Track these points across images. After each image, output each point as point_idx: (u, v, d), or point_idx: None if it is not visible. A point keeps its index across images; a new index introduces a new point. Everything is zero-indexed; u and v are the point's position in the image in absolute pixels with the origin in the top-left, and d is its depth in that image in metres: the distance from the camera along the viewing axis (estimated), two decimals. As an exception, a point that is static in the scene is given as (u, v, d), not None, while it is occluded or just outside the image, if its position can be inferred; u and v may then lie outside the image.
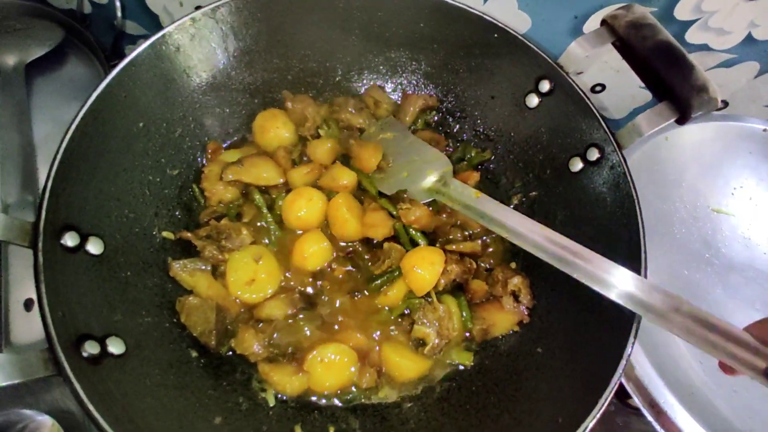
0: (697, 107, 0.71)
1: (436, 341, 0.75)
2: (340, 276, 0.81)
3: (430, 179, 0.85)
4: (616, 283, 0.64)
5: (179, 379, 0.67)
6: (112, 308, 0.65)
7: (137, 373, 0.63)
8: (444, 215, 0.87)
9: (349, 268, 0.81)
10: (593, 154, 0.79)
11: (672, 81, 0.72)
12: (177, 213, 0.82)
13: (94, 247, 0.66)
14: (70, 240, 0.63)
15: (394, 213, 0.83)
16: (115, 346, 0.62)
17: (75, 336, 0.58)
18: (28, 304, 0.88)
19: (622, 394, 0.96)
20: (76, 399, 0.53)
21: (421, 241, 0.83)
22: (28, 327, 0.87)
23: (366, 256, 0.82)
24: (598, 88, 1.27)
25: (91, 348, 0.58)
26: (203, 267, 0.77)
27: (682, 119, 0.73)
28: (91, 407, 0.53)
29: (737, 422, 0.81)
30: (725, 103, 1.30)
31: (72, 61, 1.14)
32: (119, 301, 0.67)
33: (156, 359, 0.66)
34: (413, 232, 0.83)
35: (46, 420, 0.85)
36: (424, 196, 0.85)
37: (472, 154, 0.94)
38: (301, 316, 0.77)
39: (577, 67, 0.82)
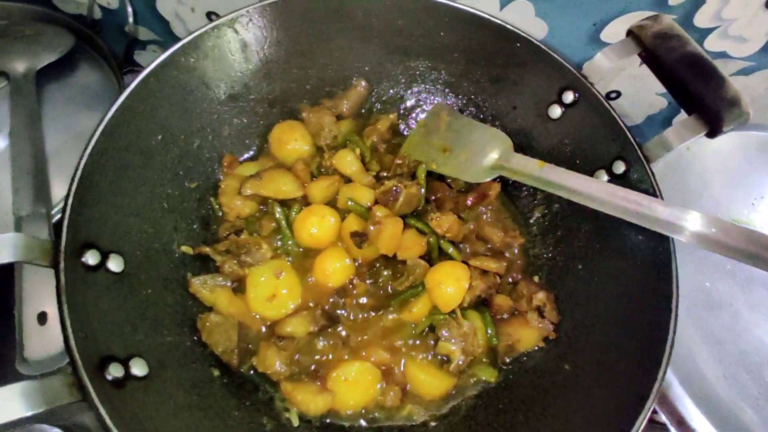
0: (728, 121, 0.70)
1: (462, 358, 0.74)
2: (362, 292, 0.79)
3: (492, 156, 0.84)
4: (688, 225, 0.67)
5: (203, 400, 0.65)
6: (134, 328, 0.64)
7: (161, 395, 0.61)
8: (471, 224, 0.86)
9: (371, 284, 0.80)
10: (619, 168, 0.78)
11: (702, 93, 0.71)
12: (195, 227, 0.81)
13: (115, 264, 0.65)
14: (91, 258, 0.62)
15: (425, 229, 0.81)
16: (139, 368, 0.60)
17: (98, 358, 0.56)
18: (41, 318, 0.87)
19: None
20: (102, 425, 0.52)
21: (454, 253, 0.81)
22: (42, 341, 0.85)
23: (387, 272, 0.80)
24: (613, 95, 1.26)
25: (115, 371, 0.57)
26: (223, 283, 0.76)
27: (713, 133, 0.71)
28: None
29: (763, 435, 0.80)
30: (743, 112, 1.29)
31: (83, 67, 1.12)
32: (141, 320, 0.65)
33: (179, 380, 0.65)
34: (445, 243, 0.81)
35: (57, 433, 0.84)
36: (487, 174, 0.84)
37: None
38: (322, 333, 0.75)
39: (601, 78, 0.81)
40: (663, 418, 0.78)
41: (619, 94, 1.26)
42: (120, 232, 0.68)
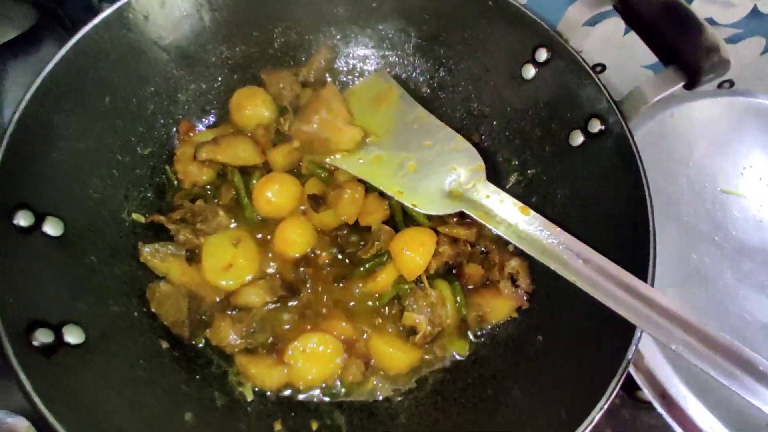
0: (707, 70, 0.66)
1: (428, 329, 0.69)
2: (326, 262, 0.75)
3: (453, 179, 0.63)
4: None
5: (148, 374, 0.61)
6: (74, 295, 0.60)
7: (100, 367, 0.57)
8: None
9: (335, 252, 0.76)
10: (595, 126, 0.74)
11: (679, 42, 0.67)
12: (149, 195, 0.76)
13: (52, 228, 0.61)
14: (23, 219, 0.57)
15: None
16: (73, 336, 0.56)
17: (25, 323, 0.52)
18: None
19: (629, 386, 0.91)
20: (21, 392, 0.48)
21: (419, 216, 0.76)
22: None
23: (353, 239, 0.76)
24: (598, 68, 1.21)
25: (43, 337, 0.53)
26: (177, 252, 0.71)
27: (692, 84, 0.67)
28: (37, 401, 0.47)
29: (754, 412, 0.75)
30: (731, 83, 1.25)
31: (47, 43, 1.07)
32: (82, 288, 0.61)
33: (123, 351, 0.61)
34: (410, 207, 0.73)
35: (20, 420, 0.80)
36: (442, 205, 0.64)
37: None
38: (282, 304, 0.71)
39: (575, 34, 0.77)
40: (647, 393, 0.74)
41: (604, 67, 1.22)
42: (60, 195, 0.63)
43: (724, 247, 0.93)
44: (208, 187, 0.79)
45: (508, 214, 0.62)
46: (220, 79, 0.85)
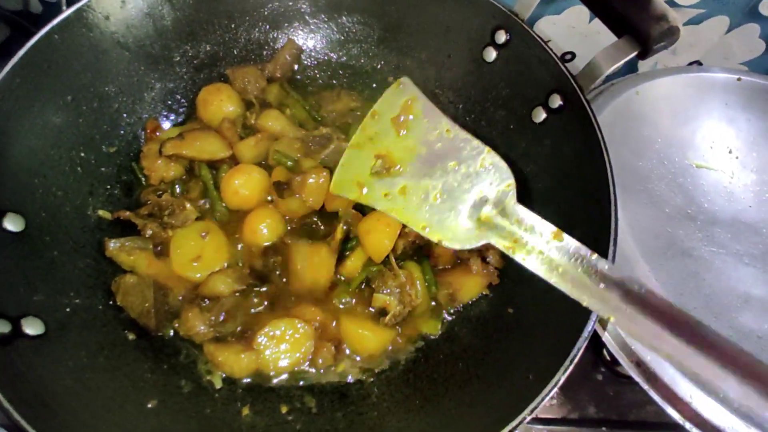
0: (657, 38, 0.66)
1: (398, 309, 0.69)
2: (295, 249, 0.75)
3: (480, 205, 0.56)
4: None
5: (110, 362, 0.61)
6: (33, 288, 0.60)
7: (57, 356, 0.57)
8: None
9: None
10: (555, 101, 0.74)
11: (629, 12, 0.68)
12: (116, 192, 0.77)
13: (12, 224, 0.61)
14: (-20, 215, 0.58)
15: None
16: (32, 327, 0.56)
17: (-19, 314, 0.52)
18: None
19: (611, 362, 0.90)
20: (-26, 380, 0.47)
21: None
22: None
23: (322, 226, 0.76)
24: (568, 56, 1.23)
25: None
26: (143, 245, 0.71)
27: (644, 52, 0.68)
28: (-9, 387, 0.47)
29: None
30: (699, 63, 1.26)
31: (18, 58, 1.09)
32: (42, 281, 0.61)
33: (83, 341, 0.60)
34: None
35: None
36: (470, 238, 0.57)
37: None
38: (250, 292, 0.71)
39: (529, 13, 0.78)
40: (622, 363, 0.74)
41: (573, 55, 1.23)
42: (20, 191, 0.64)
43: (697, 219, 0.94)
44: (177, 183, 0.79)
45: (540, 241, 0.55)
46: (185, 77, 0.86)
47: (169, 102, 0.85)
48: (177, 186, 0.80)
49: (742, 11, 1.11)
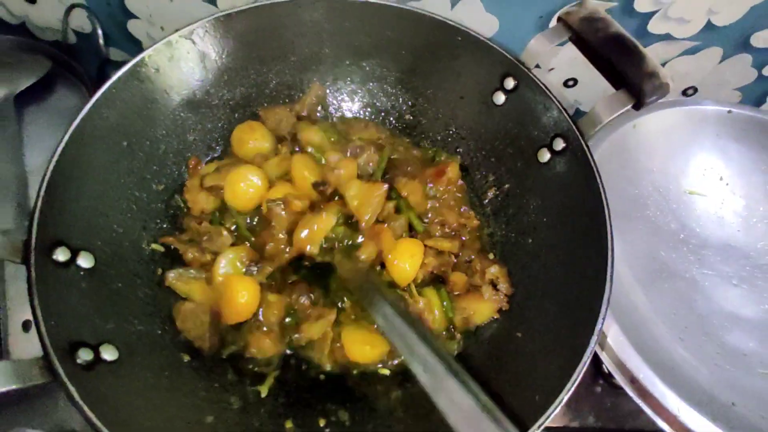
0: (650, 93, 0.74)
1: None
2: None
3: None
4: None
5: (171, 382, 0.70)
6: (105, 318, 0.68)
7: (130, 378, 0.65)
8: (435, 202, 0.91)
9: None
10: (559, 144, 0.82)
11: (625, 69, 0.76)
12: (165, 226, 0.86)
13: (84, 261, 0.70)
14: (61, 255, 0.66)
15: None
16: (109, 353, 0.65)
17: (68, 344, 0.61)
18: (26, 325, 0.92)
19: (609, 374, 0.99)
20: (72, 403, 0.56)
21: (415, 222, 0.86)
22: (26, 347, 0.90)
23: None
24: (570, 83, 1.31)
25: (85, 355, 0.61)
26: (197, 275, 0.80)
27: (638, 105, 0.76)
28: (86, 409, 0.56)
29: (719, 394, 0.83)
30: (695, 90, 1.34)
31: (60, 90, 1.18)
32: (111, 310, 0.70)
33: (148, 364, 0.69)
34: (411, 212, 0.85)
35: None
36: None
37: (443, 158, 0.97)
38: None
39: (541, 63, 0.86)
40: (617, 380, 0.82)
41: (576, 81, 1.31)
42: (89, 231, 0.72)
43: (689, 243, 1.02)
44: (215, 213, 0.88)
45: None
46: (222, 117, 0.94)
47: (208, 140, 0.94)
48: (215, 214, 0.88)
49: (734, 43, 1.18)
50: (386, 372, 0.80)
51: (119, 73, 0.78)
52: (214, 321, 0.76)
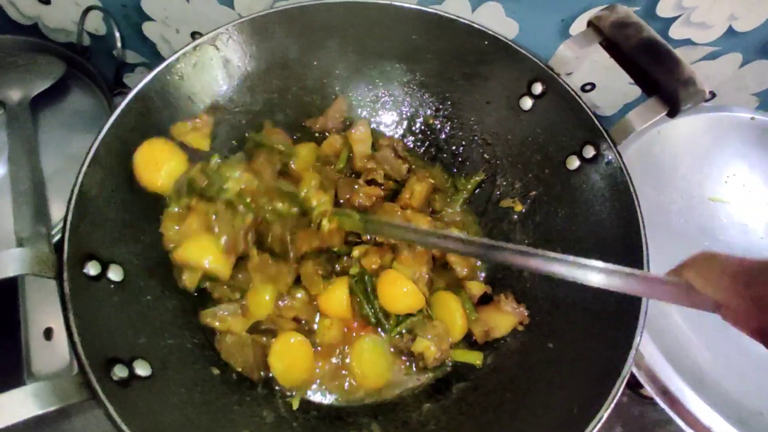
0: (685, 100, 0.73)
1: (437, 354, 0.78)
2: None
3: None
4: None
5: (204, 396, 0.69)
6: (137, 332, 0.68)
7: (164, 393, 0.65)
8: None
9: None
10: (589, 152, 0.81)
11: (659, 76, 0.75)
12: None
13: (115, 274, 0.69)
14: (92, 269, 0.65)
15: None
16: (142, 369, 0.64)
17: (104, 360, 0.60)
18: (47, 334, 0.90)
19: (635, 384, 0.98)
20: (110, 420, 0.55)
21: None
22: (48, 356, 0.89)
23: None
24: (588, 87, 1.30)
25: (120, 371, 0.61)
26: (233, 311, 0.79)
27: (672, 112, 0.75)
28: (124, 427, 0.55)
29: (747, 403, 0.83)
30: (713, 94, 1.33)
31: (75, 92, 1.16)
32: (142, 324, 0.69)
33: (180, 379, 0.68)
34: None
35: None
36: None
37: (460, 186, 0.98)
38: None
39: (567, 69, 0.85)
40: (649, 390, 0.82)
41: (593, 86, 1.30)
42: (118, 243, 0.71)
43: (714, 250, 1.01)
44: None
45: None
46: (242, 123, 0.93)
47: (226, 144, 0.92)
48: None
49: (754, 48, 1.18)
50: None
51: (145, 80, 0.76)
52: (259, 352, 0.76)
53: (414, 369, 0.83)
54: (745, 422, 0.79)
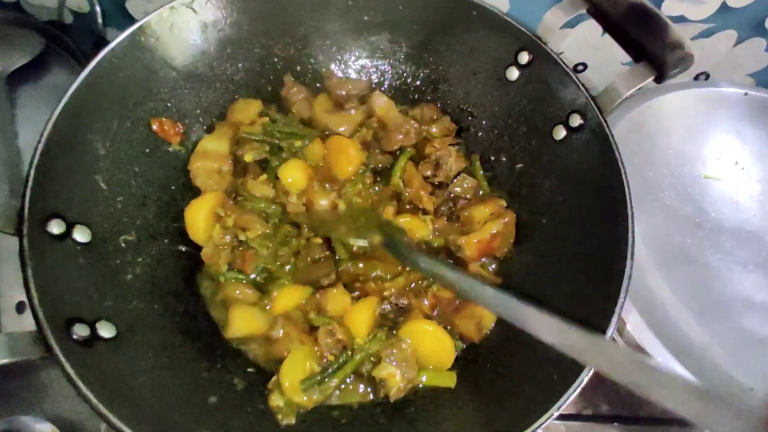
0: (672, 64, 0.71)
1: (402, 384, 0.71)
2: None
3: None
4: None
5: (173, 362, 0.67)
6: (102, 294, 0.65)
7: (130, 356, 0.62)
8: None
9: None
10: (575, 121, 0.79)
11: (646, 41, 0.73)
12: (165, 198, 0.82)
13: (81, 235, 0.66)
14: (56, 228, 0.63)
15: None
16: (106, 330, 0.62)
17: (64, 320, 0.58)
18: (19, 307, 0.88)
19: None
20: (67, 380, 0.53)
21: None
22: (19, 329, 0.86)
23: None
24: (580, 68, 1.28)
25: (80, 330, 0.58)
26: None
27: (660, 78, 0.73)
28: (81, 386, 0.53)
29: (739, 376, 0.81)
30: (707, 75, 1.31)
31: (54, 69, 1.14)
32: (109, 287, 0.67)
33: (149, 342, 0.66)
34: None
35: (46, 426, 0.85)
36: None
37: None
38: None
39: (556, 38, 0.83)
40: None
41: (585, 66, 1.28)
42: (87, 205, 0.69)
43: (705, 228, 0.99)
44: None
45: None
46: (222, 90, 0.90)
47: (206, 110, 0.89)
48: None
49: (749, 26, 1.16)
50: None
51: (117, 40, 0.74)
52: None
53: (372, 397, 0.74)
54: (737, 398, 0.76)
